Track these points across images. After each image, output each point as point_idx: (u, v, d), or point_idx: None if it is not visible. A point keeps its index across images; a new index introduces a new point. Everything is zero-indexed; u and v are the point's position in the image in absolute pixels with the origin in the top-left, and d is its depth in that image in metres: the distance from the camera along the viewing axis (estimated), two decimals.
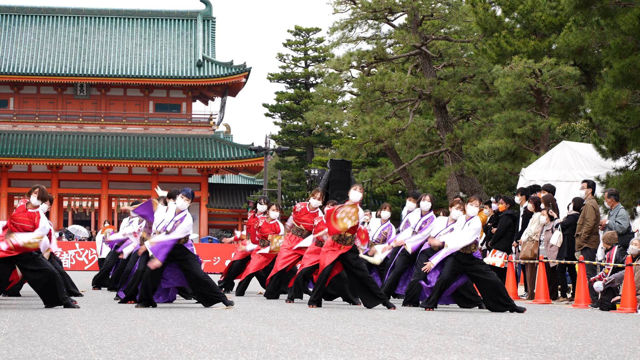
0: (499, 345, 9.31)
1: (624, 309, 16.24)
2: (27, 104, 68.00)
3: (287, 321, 12.11)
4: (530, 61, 33.90)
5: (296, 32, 76.75)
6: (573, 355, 8.50)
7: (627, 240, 17.55)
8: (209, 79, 66.57)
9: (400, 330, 11.02)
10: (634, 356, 8.59)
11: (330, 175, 27.72)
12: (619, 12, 23.80)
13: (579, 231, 19.03)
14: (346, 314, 13.83)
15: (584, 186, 19.76)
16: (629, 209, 22.03)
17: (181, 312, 13.66)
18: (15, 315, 12.57)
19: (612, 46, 24.07)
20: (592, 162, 25.98)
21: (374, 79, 43.05)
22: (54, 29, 69.78)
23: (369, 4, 43.91)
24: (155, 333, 10.06)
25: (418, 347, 8.93)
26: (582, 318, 14.29)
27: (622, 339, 10.38)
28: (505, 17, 37.93)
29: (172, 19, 71.55)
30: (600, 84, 26.11)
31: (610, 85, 23.81)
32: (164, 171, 66.52)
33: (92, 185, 66.40)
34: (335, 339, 9.69)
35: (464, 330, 11.22)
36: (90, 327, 10.77)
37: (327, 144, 74.03)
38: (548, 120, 34.99)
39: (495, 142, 35.63)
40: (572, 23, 28.82)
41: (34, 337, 9.44)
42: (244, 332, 10.25)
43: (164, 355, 8.00)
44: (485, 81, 40.99)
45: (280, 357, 7.92)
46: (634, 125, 23.85)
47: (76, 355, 7.93)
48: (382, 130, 42.17)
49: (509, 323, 12.63)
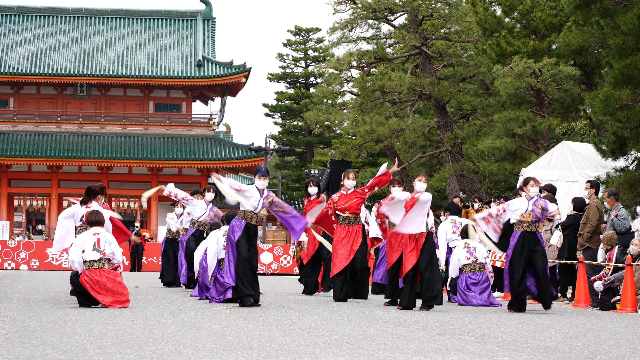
0: (499, 345, 9.31)
1: (624, 309, 16.24)
2: (27, 104, 68.00)
3: (287, 321, 12.11)
4: (530, 61, 33.92)
5: (296, 32, 76.81)
6: (573, 355, 8.49)
7: (627, 240, 17.56)
8: (209, 79, 66.57)
9: (400, 330, 11.02)
10: (634, 356, 8.59)
11: (331, 175, 27.67)
12: (619, 12, 23.81)
13: (582, 231, 19.04)
14: (346, 314, 13.82)
15: (588, 186, 19.77)
16: (629, 209, 22.03)
17: (181, 312, 13.66)
18: (16, 315, 12.57)
19: (612, 46, 24.08)
20: (592, 162, 25.98)
21: (374, 78, 43.07)
22: (54, 29, 69.79)
23: (369, 4, 43.93)
24: (155, 333, 10.06)
25: (418, 347, 8.93)
26: (582, 318, 14.28)
27: (622, 339, 10.37)
28: (505, 17, 37.96)
29: (172, 19, 71.55)
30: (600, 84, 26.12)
31: (610, 85, 23.82)
32: (164, 171, 66.52)
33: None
34: (335, 339, 9.69)
35: (464, 330, 11.21)
36: (90, 327, 10.77)
37: (327, 144, 74.08)
38: (548, 120, 35.00)
39: (495, 142, 35.65)
40: (572, 23, 28.83)
41: (34, 337, 9.43)
42: (244, 332, 10.25)
43: (164, 355, 8.00)
44: (485, 81, 41.01)
45: (280, 357, 7.92)
46: (634, 126, 23.85)
47: (76, 355, 7.93)
48: (382, 130, 42.18)
49: (509, 323, 12.63)
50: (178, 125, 68.11)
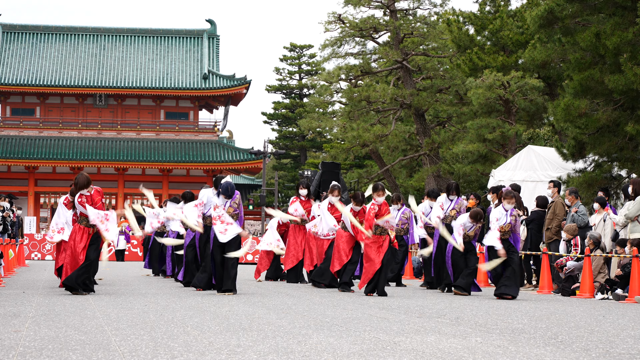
0: (471, 327, 9.30)
1: (583, 294, 16.26)
2: (52, 113, 67.87)
3: (283, 306, 12.09)
4: (500, 74, 33.94)
5: (291, 48, 76.76)
6: (538, 336, 8.49)
7: (586, 233, 17.57)
8: (213, 90, 66.49)
9: (384, 313, 11.01)
10: (592, 336, 8.59)
11: (322, 175, 27.65)
12: (578, 31, 23.82)
13: (549, 225, 19.05)
14: (335, 299, 13.81)
15: (551, 186, 19.81)
16: (588, 206, 22.05)
17: (189, 298, 13.64)
18: (41, 301, 12.54)
19: (572, 61, 24.10)
20: (555, 164, 25.98)
21: (361, 90, 43.08)
22: (76, 46, 69.63)
23: (356, 24, 43.92)
24: (166, 316, 10.04)
25: (400, 329, 8.93)
26: (545, 303, 14.29)
27: (581, 322, 10.38)
28: (477, 35, 37.99)
29: (181, 36, 71.43)
30: (561, 94, 26.09)
31: (570, 95, 23.83)
32: (174, 172, 66.44)
33: (110, 184, 66.26)
34: (326, 321, 9.68)
35: (440, 313, 11.21)
36: (107, 311, 10.75)
37: (319, 148, 74.08)
38: (515, 127, 35.03)
39: (468, 146, 35.66)
40: (537, 40, 28.86)
41: (58, 320, 9.41)
42: (244, 316, 10.23)
43: (174, 335, 7.99)
44: (459, 92, 41.01)
45: (277, 338, 7.91)
46: (592, 132, 23.87)
47: (95, 336, 7.92)
48: (368, 136, 42.18)
49: (481, 307, 12.63)
50: (186, 132, 68.02)
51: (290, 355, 6.71)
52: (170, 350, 6.93)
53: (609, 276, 16.66)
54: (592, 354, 7.15)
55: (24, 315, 10.07)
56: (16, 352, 6.77)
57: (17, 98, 67.66)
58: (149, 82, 66.71)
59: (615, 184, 24.34)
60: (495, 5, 39.08)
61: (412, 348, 7.30)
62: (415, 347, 7.39)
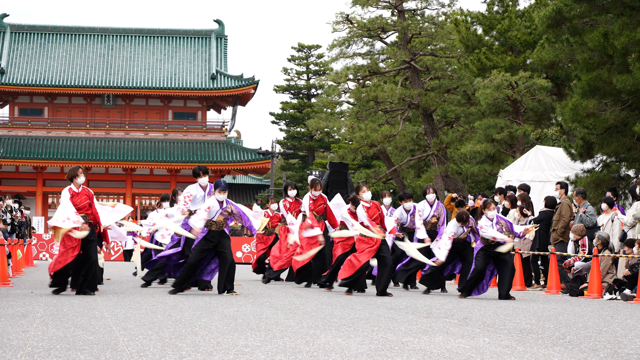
0: (479, 327, 9.30)
1: (591, 294, 16.24)
2: (60, 113, 67.97)
3: (291, 306, 12.10)
4: (507, 74, 33.90)
5: (299, 48, 76.74)
6: (545, 336, 8.49)
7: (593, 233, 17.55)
8: (221, 90, 66.52)
9: (391, 314, 11.01)
10: (600, 336, 8.58)
11: (330, 176, 27.67)
12: (586, 31, 23.80)
13: (556, 226, 19.03)
14: (343, 300, 13.81)
15: (558, 187, 19.79)
16: (595, 206, 22.02)
17: (197, 298, 13.65)
18: (50, 301, 12.56)
19: (580, 61, 24.07)
20: (563, 164, 25.96)
21: (369, 90, 43.06)
22: (84, 46, 69.72)
23: (364, 24, 43.89)
24: (174, 316, 10.05)
25: (407, 329, 8.92)
26: (553, 303, 14.27)
27: (589, 322, 10.37)
28: (485, 36, 37.96)
29: (189, 37, 71.47)
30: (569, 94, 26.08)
31: (578, 95, 23.80)
32: (182, 172, 66.46)
33: (118, 185, 66.37)
34: (334, 321, 9.68)
35: (448, 314, 11.21)
36: (115, 311, 10.76)
37: (327, 148, 74.05)
38: (523, 127, 34.99)
39: (476, 147, 35.63)
40: (545, 40, 28.82)
41: (66, 320, 9.43)
42: (252, 316, 10.24)
43: (182, 335, 8.00)
44: (467, 92, 40.98)
45: (285, 338, 7.91)
46: (600, 132, 23.84)
47: (103, 336, 7.93)
48: (376, 136, 42.15)
49: (489, 307, 12.62)
50: (194, 132, 68.07)
51: (298, 356, 6.72)
52: (178, 351, 6.94)
53: (617, 276, 16.64)
54: (600, 355, 7.14)
55: (32, 315, 10.09)
56: (24, 352, 6.78)
57: (25, 98, 67.78)
58: (157, 82, 66.76)
59: (623, 184, 24.31)
60: (503, 6, 39.04)
61: (420, 348, 7.31)
62: (423, 347, 7.40)
